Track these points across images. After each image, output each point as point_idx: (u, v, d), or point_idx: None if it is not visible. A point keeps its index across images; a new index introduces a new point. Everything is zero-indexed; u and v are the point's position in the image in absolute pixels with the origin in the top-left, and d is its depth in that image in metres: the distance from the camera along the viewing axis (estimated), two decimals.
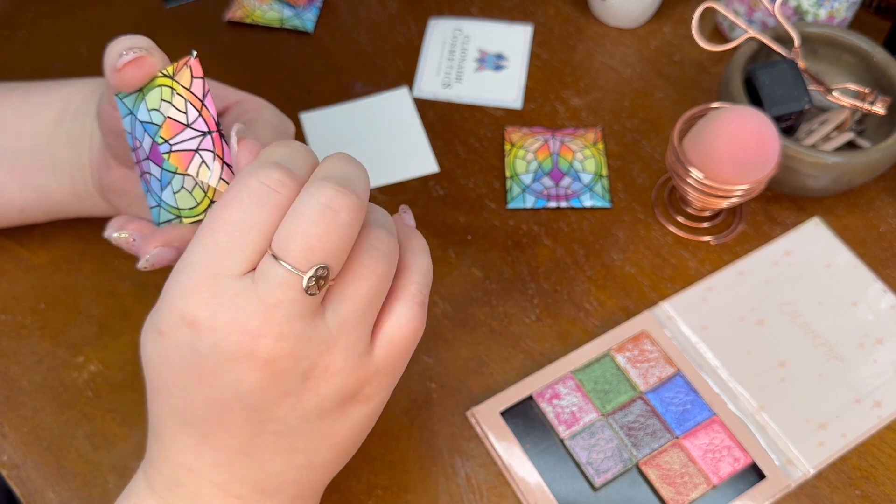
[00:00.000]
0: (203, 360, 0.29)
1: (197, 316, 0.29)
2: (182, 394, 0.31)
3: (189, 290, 0.29)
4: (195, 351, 0.29)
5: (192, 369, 0.30)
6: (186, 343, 0.29)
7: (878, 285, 0.49)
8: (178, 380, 0.30)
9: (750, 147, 0.45)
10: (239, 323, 0.29)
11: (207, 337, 0.29)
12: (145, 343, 0.31)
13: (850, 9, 0.57)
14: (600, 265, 0.50)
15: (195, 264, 0.29)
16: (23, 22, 0.62)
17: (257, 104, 0.39)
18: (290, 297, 0.29)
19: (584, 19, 0.63)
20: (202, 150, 0.33)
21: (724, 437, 0.43)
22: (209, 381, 0.30)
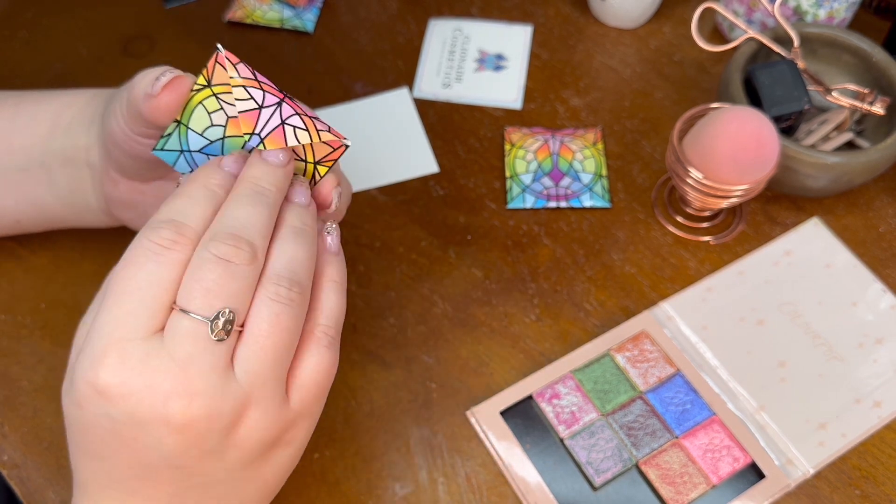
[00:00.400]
0: (121, 426, 0.29)
1: (108, 384, 0.29)
2: (106, 456, 0.30)
3: (97, 358, 0.29)
4: (112, 419, 0.29)
5: (113, 435, 0.30)
6: (102, 412, 0.29)
7: (878, 285, 0.49)
8: (102, 444, 0.30)
9: (749, 147, 0.45)
10: (151, 387, 0.29)
11: (121, 405, 0.29)
12: (66, 411, 0.31)
13: (850, 9, 0.57)
14: (600, 265, 0.51)
15: (101, 331, 0.29)
16: (22, 22, 0.62)
17: None
18: (199, 348, 0.29)
19: (583, 19, 0.63)
20: (287, 122, 0.33)
21: (723, 436, 0.43)
22: (131, 444, 0.30)
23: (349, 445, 0.44)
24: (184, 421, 0.29)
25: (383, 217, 0.52)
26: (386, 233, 0.52)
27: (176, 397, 0.29)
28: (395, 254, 0.51)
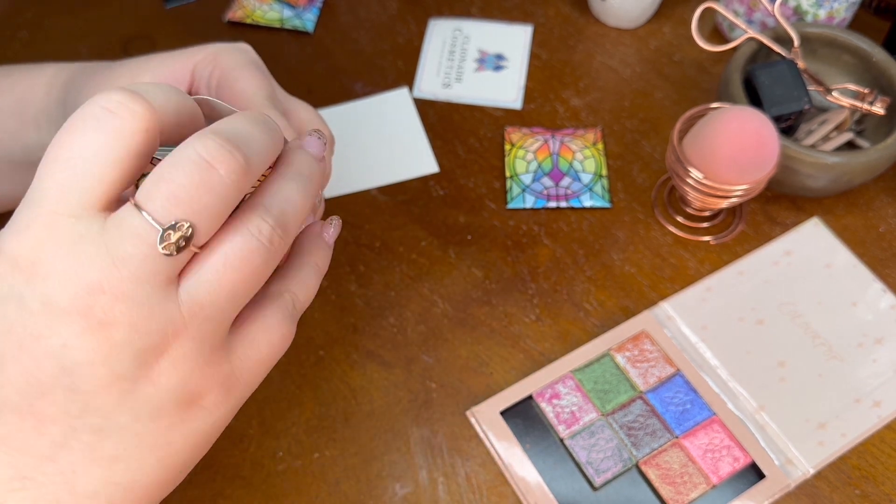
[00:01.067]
0: (29, 316, 0.24)
1: (28, 258, 0.24)
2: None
3: (24, 227, 0.24)
4: (21, 303, 0.24)
5: (12, 330, 0.24)
6: (13, 294, 0.24)
7: (878, 285, 0.49)
8: None
9: (749, 147, 0.45)
10: (77, 272, 0.24)
11: (38, 286, 0.24)
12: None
13: (850, 9, 0.57)
14: (600, 265, 0.51)
15: (33, 200, 0.25)
16: (23, 22, 0.62)
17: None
18: (141, 253, 0.24)
19: (583, 20, 0.63)
20: None
21: (723, 436, 0.43)
22: (30, 346, 0.24)
23: (349, 445, 0.44)
24: (102, 320, 0.24)
25: (383, 217, 0.52)
26: (386, 233, 0.52)
27: (100, 292, 0.24)
28: (395, 254, 0.51)
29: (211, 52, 0.37)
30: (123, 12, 0.63)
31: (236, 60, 0.37)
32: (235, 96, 0.35)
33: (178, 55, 0.38)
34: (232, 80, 0.36)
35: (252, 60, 0.37)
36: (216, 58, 0.37)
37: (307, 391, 0.46)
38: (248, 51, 0.38)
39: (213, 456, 0.43)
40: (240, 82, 0.35)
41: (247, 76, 0.36)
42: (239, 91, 0.35)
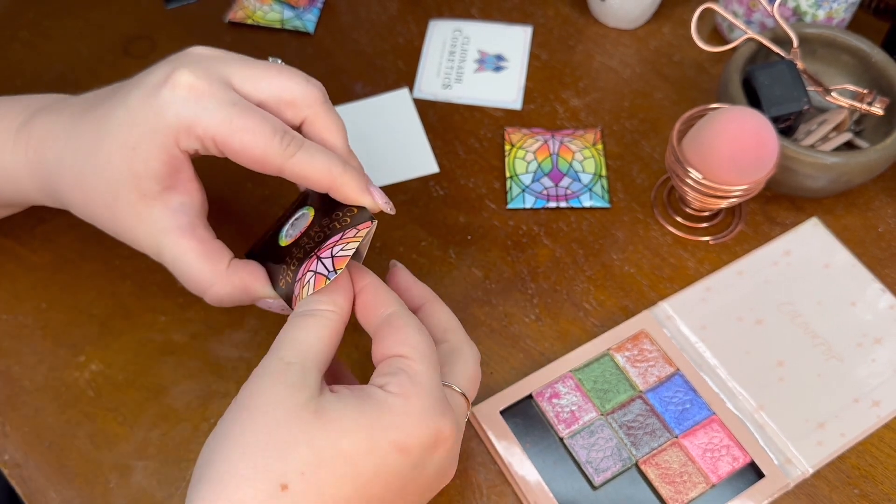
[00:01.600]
0: (430, 473, 0.34)
1: (449, 434, 0.33)
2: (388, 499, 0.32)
3: (444, 409, 0.33)
4: (425, 468, 0.33)
5: (410, 483, 0.33)
6: (425, 460, 0.33)
7: (877, 285, 0.49)
8: (384, 494, 0.32)
9: (749, 147, 0.45)
10: (454, 437, 0.34)
11: (449, 451, 0.34)
12: (357, 459, 0.31)
13: (849, 10, 0.57)
14: (600, 265, 0.51)
15: (433, 386, 0.34)
16: (23, 22, 0.62)
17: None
18: (464, 421, 0.37)
19: (583, 20, 0.63)
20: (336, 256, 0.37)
21: (722, 436, 0.43)
22: (411, 491, 0.33)
23: None
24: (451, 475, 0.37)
25: (383, 217, 0.52)
26: (386, 233, 0.52)
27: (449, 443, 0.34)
28: (395, 254, 0.51)
29: (309, 97, 0.39)
30: (124, 13, 0.63)
31: (326, 110, 0.39)
32: (322, 139, 0.39)
33: (289, 75, 0.39)
34: (320, 124, 0.39)
35: (327, 101, 0.40)
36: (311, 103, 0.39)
37: None
38: (322, 90, 0.40)
39: None
40: (326, 132, 0.39)
41: (332, 127, 0.39)
42: (326, 138, 0.39)
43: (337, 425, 0.31)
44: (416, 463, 0.32)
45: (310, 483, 0.30)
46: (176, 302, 0.48)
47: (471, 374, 0.37)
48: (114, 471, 0.43)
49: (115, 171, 0.37)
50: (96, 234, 0.51)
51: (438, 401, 0.33)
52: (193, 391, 0.45)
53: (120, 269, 0.50)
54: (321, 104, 0.38)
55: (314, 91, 0.38)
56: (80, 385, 0.45)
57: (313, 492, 0.30)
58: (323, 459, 0.30)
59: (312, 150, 0.37)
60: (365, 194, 0.37)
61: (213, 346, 0.47)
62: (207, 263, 0.38)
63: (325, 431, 0.31)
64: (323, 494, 0.30)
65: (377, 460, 0.31)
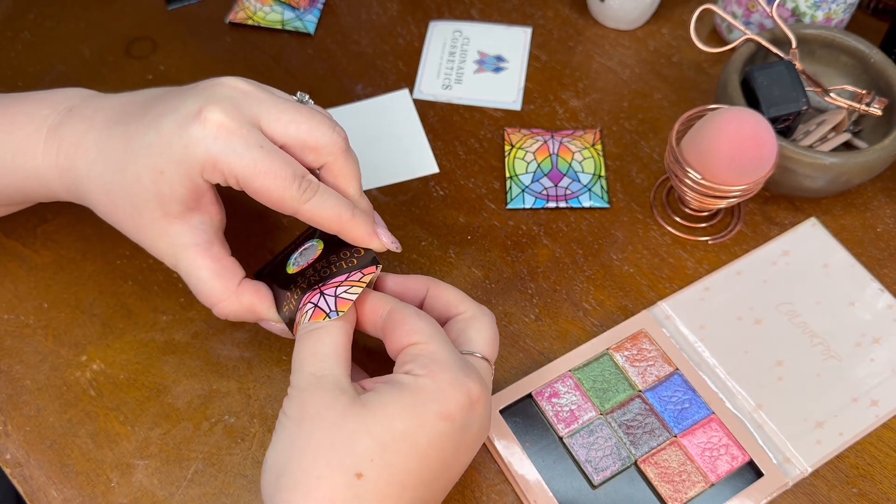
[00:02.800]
0: (471, 433, 0.36)
1: (480, 394, 0.36)
2: (435, 473, 0.35)
3: (468, 373, 0.36)
4: (469, 427, 0.36)
5: (461, 445, 0.36)
6: (467, 421, 0.35)
7: (875, 285, 0.49)
8: (443, 459, 0.35)
9: (747, 148, 0.45)
10: (485, 394, 0.37)
11: (483, 411, 0.36)
12: (412, 435, 0.34)
13: (847, 10, 0.57)
14: (599, 265, 0.51)
15: (451, 357, 0.36)
16: (25, 23, 0.63)
17: (471, 312, 0.41)
18: (488, 376, 0.39)
19: (582, 21, 0.63)
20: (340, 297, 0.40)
21: (721, 435, 0.44)
22: (462, 452, 0.36)
23: None
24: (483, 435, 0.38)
25: (384, 217, 0.53)
26: None
27: (482, 405, 0.37)
28: (395, 254, 0.51)
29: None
30: (125, 13, 0.63)
31: (346, 157, 0.41)
32: (336, 184, 0.41)
33: (317, 122, 0.40)
34: (337, 170, 0.41)
35: (348, 148, 0.42)
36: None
37: None
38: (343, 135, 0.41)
39: (215, 455, 0.43)
40: (342, 178, 0.41)
41: (348, 173, 0.41)
42: (340, 183, 0.41)
43: (386, 412, 0.34)
44: (462, 424, 0.35)
45: (380, 466, 0.33)
46: (177, 301, 0.49)
47: (487, 336, 0.40)
48: (115, 470, 0.43)
49: (141, 189, 0.39)
50: (98, 234, 0.51)
51: (461, 368, 0.36)
52: (195, 390, 0.45)
53: (121, 269, 0.50)
54: (342, 152, 0.40)
55: (337, 140, 0.40)
56: (81, 384, 0.46)
57: (385, 473, 0.33)
58: (385, 443, 0.33)
59: (325, 195, 0.39)
60: (372, 238, 0.40)
61: (214, 345, 0.47)
62: (219, 281, 0.40)
63: (378, 420, 0.34)
64: (394, 474, 0.33)
65: (429, 432, 0.34)
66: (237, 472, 0.43)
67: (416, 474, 0.34)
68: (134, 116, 0.40)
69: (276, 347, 0.47)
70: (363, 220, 0.40)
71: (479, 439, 0.37)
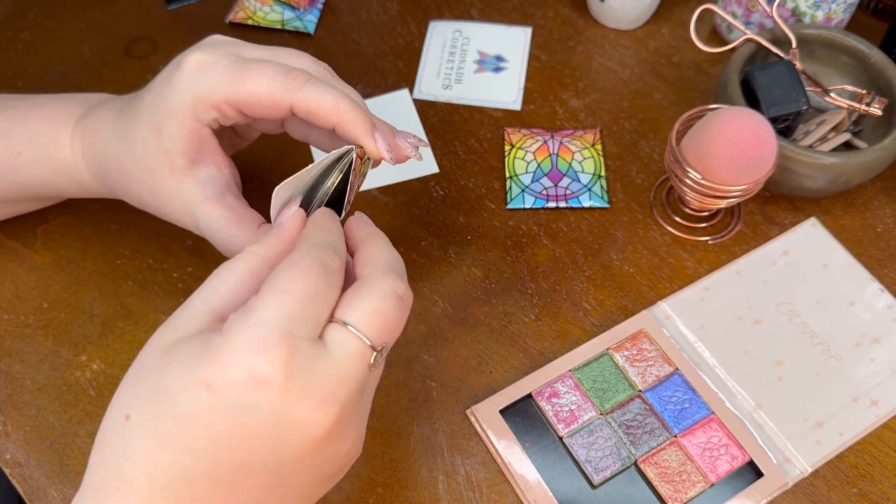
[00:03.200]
0: (257, 421, 0.29)
1: (271, 375, 0.29)
2: (204, 451, 0.29)
3: (265, 345, 0.29)
4: (252, 411, 0.29)
5: (236, 428, 0.29)
6: (244, 402, 0.29)
7: (875, 285, 0.49)
8: (210, 437, 0.29)
9: (747, 148, 0.45)
10: (311, 388, 0.29)
11: (276, 399, 0.29)
12: (171, 389, 0.29)
13: (847, 10, 0.57)
14: (599, 265, 0.51)
15: (270, 321, 0.29)
16: (25, 23, 0.63)
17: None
18: (359, 369, 0.31)
19: (582, 21, 0.63)
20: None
21: (721, 435, 0.44)
22: (250, 443, 0.29)
23: None
24: (327, 430, 0.30)
25: (384, 217, 0.53)
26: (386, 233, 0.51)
27: (330, 405, 0.30)
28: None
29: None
30: (125, 13, 0.63)
31: (338, 81, 0.40)
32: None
33: (299, 53, 0.40)
34: (311, 108, 0.38)
35: (336, 77, 0.40)
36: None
37: None
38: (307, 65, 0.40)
39: None
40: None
41: (339, 88, 0.39)
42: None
43: (171, 364, 0.30)
44: (231, 403, 0.29)
45: (143, 417, 0.30)
46: (177, 301, 0.48)
47: (373, 308, 0.31)
48: None
49: (147, 150, 0.39)
50: (98, 234, 0.51)
51: (263, 338, 0.29)
52: None
53: (121, 269, 0.50)
54: (332, 78, 0.39)
55: (322, 69, 0.39)
56: (81, 384, 0.46)
57: (146, 426, 0.30)
58: (153, 396, 0.30)
59: (321, 85, 0.37)
60: (368, 136, 0.37)
61: None
62: (238, 229, 0.39)
63: (162, 370, 0.30)
64: (154, 427, 0.29)
65: (189, 397, 0.29)
66: None
67: (176, 440, 0.29)
68: (138, 94, 0.41)
69: None
70: (364, 115, 0.38)
71: (297, 436, 0.30)
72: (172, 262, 0.50)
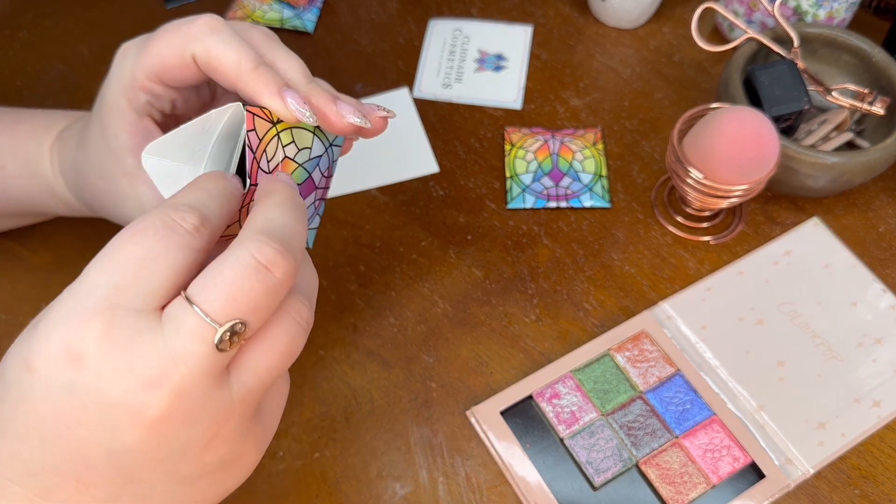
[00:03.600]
0: (78, 404, 0.25)
1: (85, 350, 0.25)
2: (35, 440, 0.26)
3: (80, 316, 0.25)
4: (71, 392, 0.25)
5: (59, 413, 0.25)
6: (63, 381, 0.25)
7: (878, 285, 0.49)
8: (36, 422, 0.26)
9: (749, 147, 0.45)
10: (134, 368, 0.25)
11: (91, 379, 0.25)
12: (4, 376, 0.26)
13: (850, 9, 0.57)
14: (600, 265, 0.51)
15: (91, 289, 0.25)
16: (23, 22, 0.62)
17: None
18: (199, 350, 0.25)
19: (583, 20, 0.63)
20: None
21: (723, 436, 0.43)
22: (77, 430, 0.25)
23: (349, 445, 0.44)
24: (157, 417, 0.25)
25: (383, 217, 0.53)
26: (386, 233, 0.52)
27: (158, 388, 0.25)
28: (395, 254, 0.51)
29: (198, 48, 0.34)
30: (124, 12, 0.63)
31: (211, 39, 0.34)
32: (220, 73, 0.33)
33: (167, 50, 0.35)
34: (212, 60, 0.33)
35: (217, 30, 0.34)
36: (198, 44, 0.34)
37: (307, 391, 0.46)
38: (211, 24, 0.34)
39: None
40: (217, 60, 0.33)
41: (222, 50, 0.33)
42: (222, 67, 0.33)
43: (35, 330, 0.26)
44: (49, 384, 0.25)
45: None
46: None
47: (220, 278, 0.26)
48: None
49: (99, 153, 0.37)
50: (96, 234, 0.51)
51: (80, 309, 0.25)
52: None
53: None
54: (275, 47, 0.35)
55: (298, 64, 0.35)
56: None
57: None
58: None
59: (230, 38, 0.32)
60: (273, 96, 0.31)
61: None
62: None
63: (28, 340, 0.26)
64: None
65: (13, 380, 0.26)
66: None
67: (8, 427, 0.26)
68: None
69: None
70: (268, 74, 0.32)
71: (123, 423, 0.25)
72: None
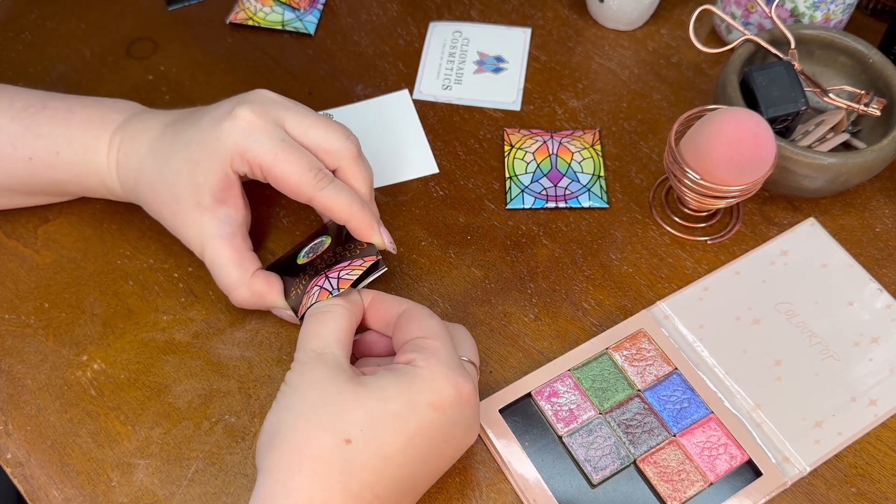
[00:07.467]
0: (457, 429, 0.38)
1: (469, 393, 0.38)
2: (419, 461, 0.37)
3: (461, 372, 0.38)
4: (453, 422, 0.38)
5: (447, 438, 0.38)
6: (457, 416, 0.37)
7: (874, 285, 0.49)
8: (429, 447, 0.37)
9: (746, 148, 0.45)
10: (475, 396, 0.39)
11: (474, 409, 0.39)
12: (405, 418, 0.36)
13: (846, 11, 0.57)
14: (598, 265, 0.51)
15: (452, 358, 0.39)
16: (26, 24, 0.63)
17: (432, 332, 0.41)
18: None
19: (582, 22, 0.63)
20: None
21: (720, 434, 0.44)
22: (445, 446, 0.38)
23: None
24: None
25: (384, 217, 0.53)
26: None
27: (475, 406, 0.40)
28: (395, 253, 0.51)
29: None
30: (126, 14, 0.63)
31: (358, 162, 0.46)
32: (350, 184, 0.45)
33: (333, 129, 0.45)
34: (349, 174, 0.45)
35: (361, 155, 0.46)
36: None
37: None
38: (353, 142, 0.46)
39: (216, 454, 0.43)
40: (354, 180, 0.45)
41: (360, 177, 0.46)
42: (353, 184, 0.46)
43: (382, 394, 0.36)
44: (450, 418, 0.37)
45: (369, 437, 0.35)
46: (178, 301, 0.49)
47: (473, 345, 0.43)
48: (116, 469, 0.43)
49: (180, 180, 0.44)
50: (98, 234, 0.51)
51: (457, 366, 0.38)
52: (195, 390, 0.45)
53: (122, 269, 0.50)
54: (354, 157, 0.45)
55: (351, 147, 0.45)
56: (82, 384, 0.46)
57: (373, 444, 0.35)
58: (376, 419, 0.36)
59: (339, 187, 0.43)
60: (375, 232, 0.44)
61: (214, 345, 0.47)
62: (237, 270, 0.44)
63: (373, 397, 0.36)
64: (381, 447, 0.36)
65: (419, 418, 0.36)
66: (238, 472, 0.43)
67: (402, 453, 0.36)
68: (181, 121, 0.45)
69: (276, 347, 0.47)
70: (370, 215, 0.44)
71: (465, 438, 0.39)
72: (173, 262, 0.50)
